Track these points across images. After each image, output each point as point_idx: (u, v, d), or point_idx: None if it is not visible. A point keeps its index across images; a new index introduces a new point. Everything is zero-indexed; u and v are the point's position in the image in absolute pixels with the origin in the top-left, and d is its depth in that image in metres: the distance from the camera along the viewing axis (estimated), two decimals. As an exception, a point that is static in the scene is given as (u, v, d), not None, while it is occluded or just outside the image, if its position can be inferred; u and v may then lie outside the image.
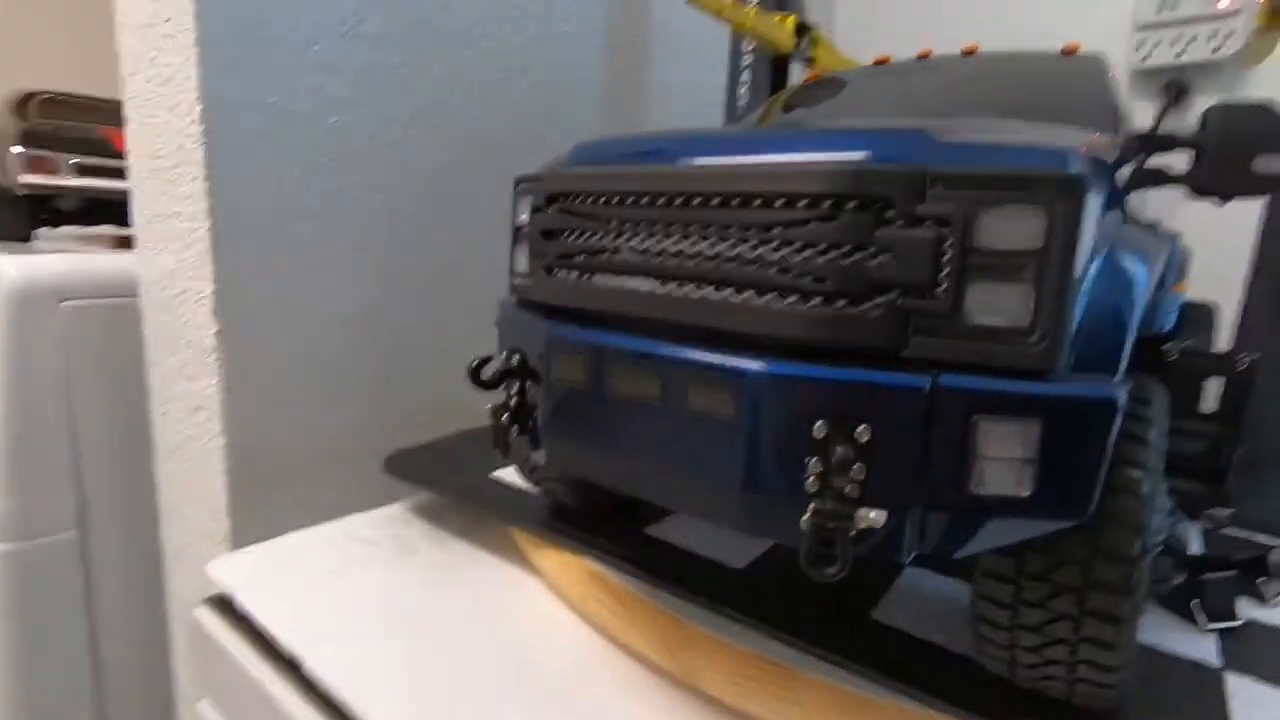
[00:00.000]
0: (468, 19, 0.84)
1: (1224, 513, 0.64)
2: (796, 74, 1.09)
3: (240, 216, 0.66)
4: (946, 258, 0.34)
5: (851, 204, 0.35)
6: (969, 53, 0.75)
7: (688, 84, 1.26)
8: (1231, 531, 0.70)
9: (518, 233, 0.57)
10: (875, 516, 0.32)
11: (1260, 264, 0.71)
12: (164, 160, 0.67)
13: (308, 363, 0.74)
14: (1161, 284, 0.88)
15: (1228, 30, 1.02)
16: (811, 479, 0.34)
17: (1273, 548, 0.62)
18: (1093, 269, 0.36)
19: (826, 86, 0.82)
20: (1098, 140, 0.52)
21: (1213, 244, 1.13)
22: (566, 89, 0.99)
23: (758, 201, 0.37)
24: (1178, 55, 1.06)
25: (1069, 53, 0.70)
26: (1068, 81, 0.65)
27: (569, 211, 0.47)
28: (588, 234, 0.46)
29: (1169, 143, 0.56)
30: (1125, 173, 0.54)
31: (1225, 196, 0.56)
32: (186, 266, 0.67)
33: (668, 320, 0.41)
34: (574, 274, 0.47)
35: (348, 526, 0.68)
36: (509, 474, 0.75)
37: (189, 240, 0.67)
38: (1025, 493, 0.33)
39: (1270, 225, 0.70)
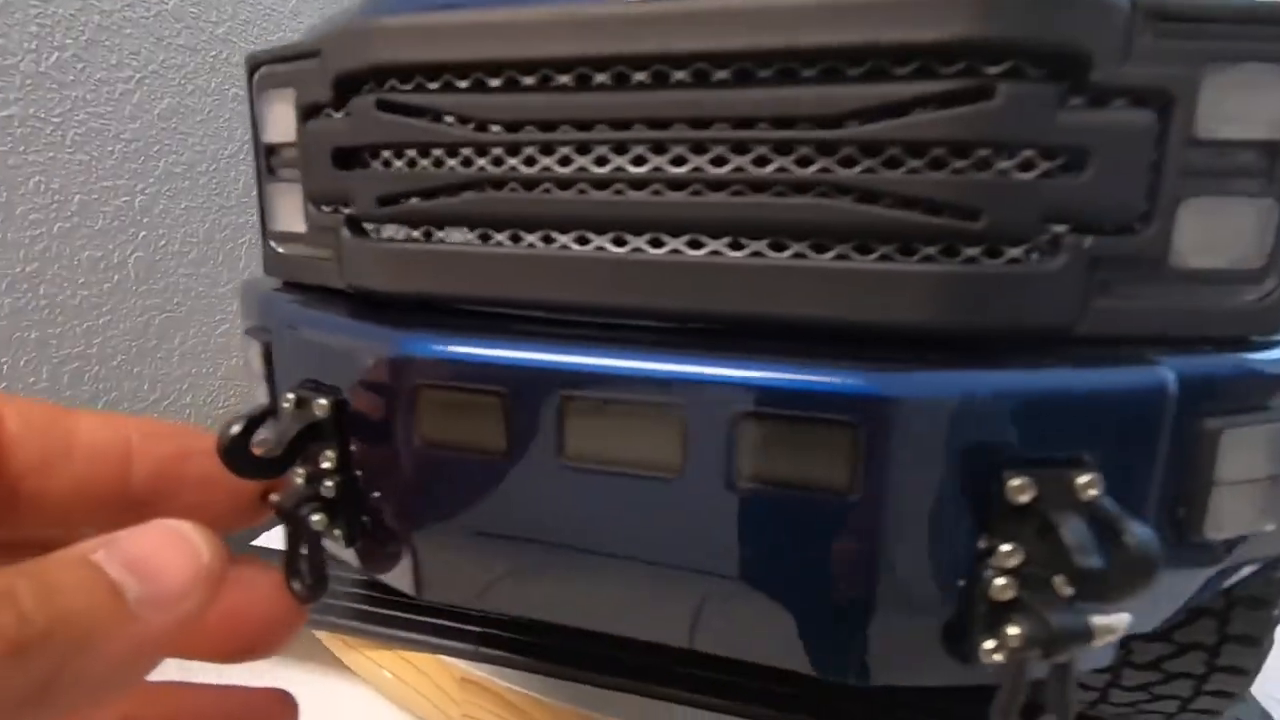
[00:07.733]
0: None
1: None
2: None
3: None
4: (1156, 160, 0.21)
5: (1001, 68, 0.20)
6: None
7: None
8: None
9: (271, 159, 0.34)
10: (1115, 623, 0.20)
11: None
12: None
13: None
14: None
15: None
16: (1002, 580, 0.20)
17: None
18: None
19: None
20: None
21: None
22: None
23: (808, 73, 0.21)
24: None
25: None
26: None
27: (395, 107, 0.26)
28: (440, 153, 0.26)
29: None
30: None
31: None
32: None
33: (647, 312, 0.24)
34: (416, 232, 0.27)
35: None
36: (275, 538, 0.53)
37: None
38: (1271, 526, 0.23)
39: None
